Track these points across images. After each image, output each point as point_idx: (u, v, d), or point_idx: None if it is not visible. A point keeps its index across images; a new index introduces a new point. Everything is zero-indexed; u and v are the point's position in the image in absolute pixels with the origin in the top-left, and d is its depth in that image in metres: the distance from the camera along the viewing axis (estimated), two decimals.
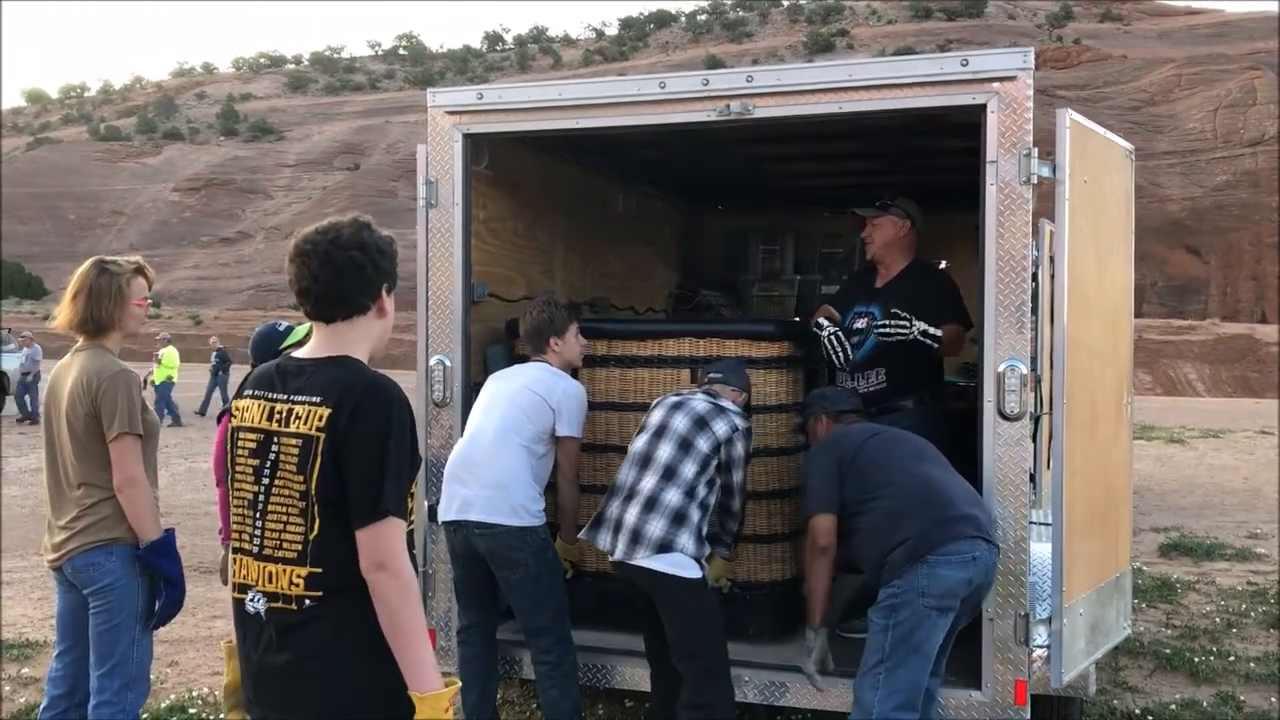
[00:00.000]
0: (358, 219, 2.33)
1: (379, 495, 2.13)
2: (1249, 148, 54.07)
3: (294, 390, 2.24)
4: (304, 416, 2.19)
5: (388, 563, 2.13)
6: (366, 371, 2.25)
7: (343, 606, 2.17)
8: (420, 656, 2.14)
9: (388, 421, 2.17)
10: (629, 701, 4.72)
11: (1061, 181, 3.67)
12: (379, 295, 2.30)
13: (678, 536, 3.59)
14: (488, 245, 4.76)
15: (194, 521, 9.53)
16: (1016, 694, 3.74)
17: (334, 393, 2.18)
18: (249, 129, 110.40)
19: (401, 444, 2.18)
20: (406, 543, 2.27)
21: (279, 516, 2.21)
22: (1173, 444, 16.71)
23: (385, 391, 2.20)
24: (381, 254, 2.30)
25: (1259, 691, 5.05)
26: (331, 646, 2.18)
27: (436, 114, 4.36)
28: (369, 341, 2.32)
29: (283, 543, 2.20)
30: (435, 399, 4.38)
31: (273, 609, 2.21)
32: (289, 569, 2.19)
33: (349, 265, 2.25)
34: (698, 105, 4.03)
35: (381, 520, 2.13)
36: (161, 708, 4.70)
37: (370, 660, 2.17)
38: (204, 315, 67.03)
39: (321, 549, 2.17)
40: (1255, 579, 7.40)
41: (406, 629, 2.13)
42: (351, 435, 2.15)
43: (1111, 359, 4.22)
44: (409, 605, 2.14)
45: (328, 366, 2.25)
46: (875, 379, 4.47)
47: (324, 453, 2.16)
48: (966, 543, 3.41)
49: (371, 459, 2.14)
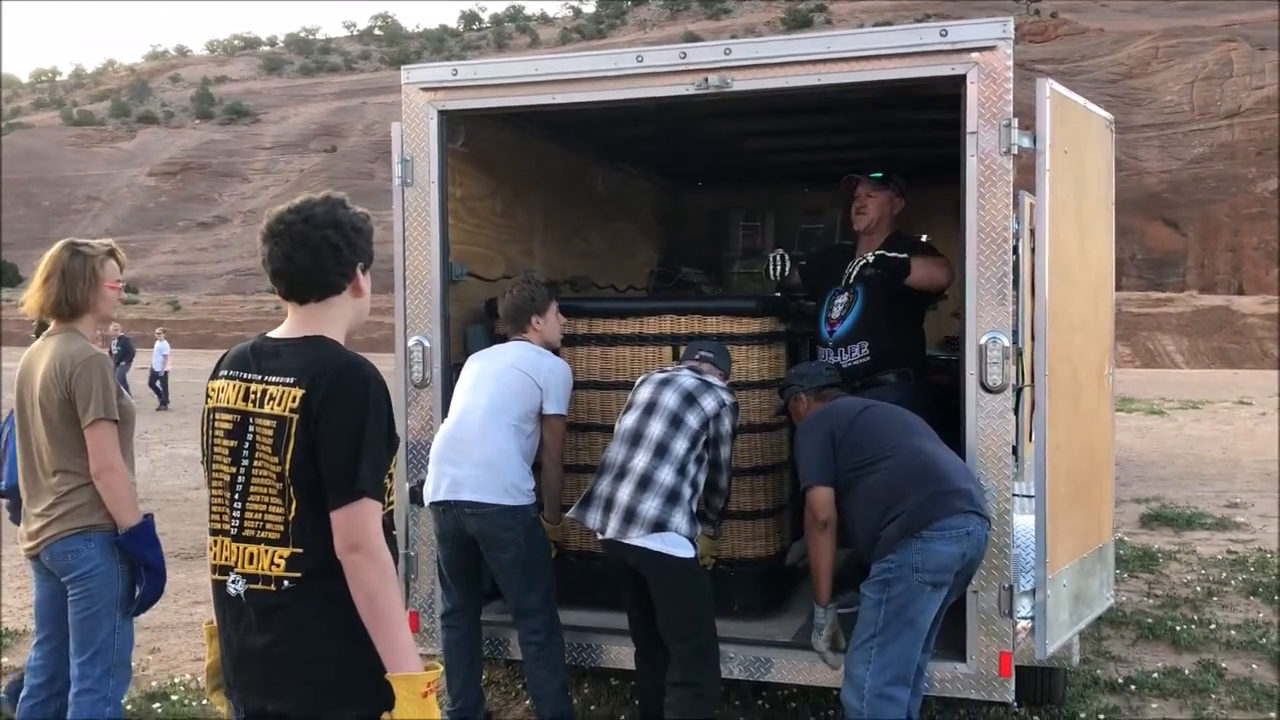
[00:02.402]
0: (330, 196, 2.28)
1: (354, 476, 2.10)
2: (1225, 120, 54.29)
3: (268, 371, 2.20)
4: (278, 397, 2.16)
5: (362, 544, 2.10)
6: (341, 352, 2.21)
7: (323, 588, 2.14)
8: (398, 638, 2.12)
9: (363, 402, 2.14)
10: (614, 680, 4.71)
11: (1042, 152, 3.65)
12: (354, 274, 2.27)
13: (672, 516, 3.57)
14: (465, 224, 4.71)
15: (174, 508, 9.47)
16: (1001, 665, 3.76)
17: (308, 373, 2.15)
18: (224, 112, 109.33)
19: (378, 425, 2.15)
20: (387, 525, 2.25)
21: (260, 498, 2.18)
22: (1152, 416, 16.83)
23: (360, 371, 2.17)
24: (357, 232, 2.26)
25: (1239, 659, 5.10)
26: (311, 628, 2.16)
27: (411, 91, 4.31)
28: (345, 321, 2.29)
29: (265, 524, 2.18)
30: (415, 380, 4.34)
31: (252, 590, 2.18)
32: (270, 550, 2.17)
33: (323, 245, 2.21)
34: (675, 79, 3.99)
35: (356, 501, 2.10)
36: (143, 694, 4.66)
37: (351, 642, 2.14)
38: (183, 301, 66.57)
39: (301, 530, 2.15)
40: (1235, 547, 7.46)
41: (384, 611, 2.11)
42: (325, 416, 2.12)
43: (1093, 331, 4.22)
44: (385, 587, 2.11)
45: (302, 346, 2.22)
46: (859, 353, 4.45)
47: (298, 434, 2.13)
48: (961, 517, 3.40)
49: (346, 440, 2.11)
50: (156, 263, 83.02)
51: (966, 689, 3.82)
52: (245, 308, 58.78)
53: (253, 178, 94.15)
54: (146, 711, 4.51)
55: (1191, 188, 52.94)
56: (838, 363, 4.45)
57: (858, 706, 3.38)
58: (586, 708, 4.54)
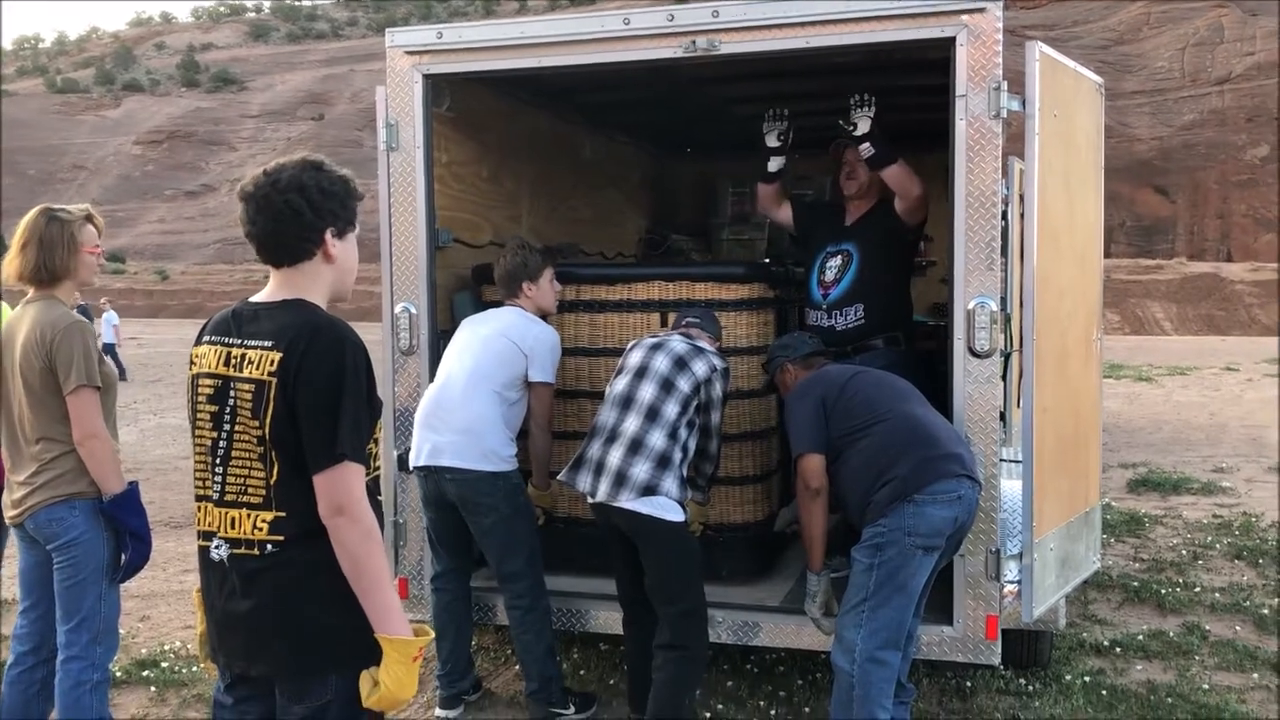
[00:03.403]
0: (306, 159, 2.25)
1: (334, 439, 2.09)
2: (1216, 86, 54.15)
3: (248, 335, 2.19)
4: (256, 361, 2.15)
5: (346, 507, 2.09)
6: (319, 314, 2.20)
7: (306, 552, 2.14)
8: (385, 601, 2.12)
9: (340, 364, 2.12)
10: (604, 645, 4.73)
11: (1031, 115, 3.63)
12: (321, 239, 2.23)
13: (662, 480, 3.57)
14: (452, 190, 4.68)
15: (163, 476, 9.46)
16: (987, 629, 3.78)
17: (285, 337, 2.14)
18: (211, 80, 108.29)
19: (357, 387, 2.13)
20: (371, 490, 2.25)
21: (242, 462, 2.18)
22: (1141, 382, 16.89)
23: (336, 333, 2.15)
24: (325, 195, 2.21)
25: (1223, 621, 5.14)
26: (294, 592, 2.16)
27: (395, 54, 4.26)
28: (323, 286, 2.26)
29: (247, 488, 2.17)
30: (402, 347, 4.32)
31: (235, 555, 2.19)
32: (253, 514, 2.17)
33: (285, 210, 2.18)
34: (663, 41, 3.95)
35: (338, 465, 2.09)
36: (133, 662, 4.67)
37: (334, 606, 2.14)
38: (170, 270, 66.20)
39: (283, 493, 2.15)
40: (1220, 512, 7.51)
41: (369, 574, 2.10)
42: (303, 379, 2.10)
43: (1081, 296, 4.21)
44: (370, 550, 2.11)
45: (280, 310, 2.21)
46: (854, 316, 4.44)
47: (276, 398, 2.12)
48: (953, 481, 3.40)
49: (325, 403, 2.10)
50: (143, 232, 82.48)
51: (953, 652, 3.84)
52: (233, 277, 58.50)
53: (240, 146, 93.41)
54: (136, 678, 4.52)
55: (1182, 154, 52.87)
56: (830, 325, 4.44)
57: (848, 670, 3.39)
58: (576, 672, 4.56)
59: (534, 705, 4.04)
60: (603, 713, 4.16)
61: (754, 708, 4.16)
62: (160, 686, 4.44)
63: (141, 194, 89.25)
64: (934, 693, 4.30)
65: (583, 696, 4.18)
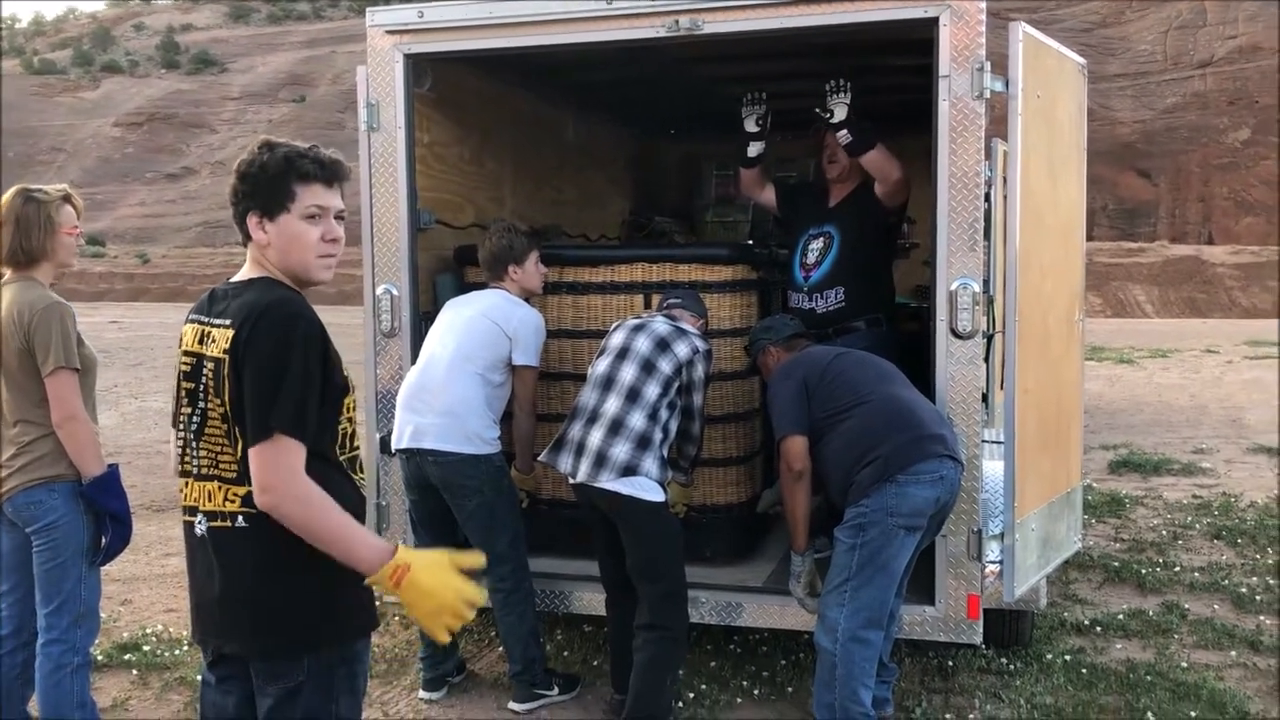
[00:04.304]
0: (264, 139, 2.25)
1: (267, 414, 2.06)
2: (1198, 69, 54.32)
3: (216, 313, 2.21)
4: (218, 339, 2.16)
5: (270, 485, 2.05)
6: (274, 291, 2.18)
7: (276, 528, 2.11)
8: (351, 551, 2.07)
9: (284, 339, 2.10)
10: (587, 626, 4.74)
11: (1015, 96, 3.63)
12: (245, 223, 2.23)
13: (642, 460, 3.57)
14: (433, 171, 4.65)
15: (145, 460, 9.41)
16: (969, 608, 3.81)
17: (241, 314, 2.14)
18: (191, 61, 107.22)
19: (304, 362, 2.10)
20: (350, 468, 2.24)
21: (214, 438, 2.18)
22: (1122, 364, 16.98)
23: (285, 309, 2.13)
24: (244, 179, 2.21)
25: (1202, 600, 5.19)
26: (266, 568, 2.15)
27: (376, 34, 4.23)
28: (269, 265, 2.24)
29: (219, 462, 2.17)
30: (383, 329, 4.30)
31: (213, 528, 2.18)
32: (224, 487, 2.16)
33: (230, 191, 2.23)
34: (646, 21, 3.93)
35: (268, 439, 2.05)
36: (114, 645, 4.65)
37: (307, 585, 2.14)
38: (151, 254, 65.69)
39: (248, 468, 2.13)
40: (1200, 492, 7.57)
41: (325, 535, 2.07)
42: (248, 355, 2.09)
43: (1063, 277, 4.22)
44: (312, 515, 2.06)
45: (246, 288, 2.22)
46: (835, 298, 4.45)
47: (230, 375, 2.12)
48: (935, 462, 3.42)
49: (264, 378, 2.08)
50: (124, 215, 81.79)
51: (935, 631, 3.87)
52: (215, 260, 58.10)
53: (220, 128, 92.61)
54: (118, 662, 4.50)
55: (1164, 138, 53.06)
56: (811, 307, 4.44)
57: (831, 649, 3.41)
58: (559, 653, 4.57)
59: (518, 687, 4.05)
60: (586, 693, 4.17)
61: (737, 687, 4.18)
62: (142, 670, 4.42)
63: (121, 177, 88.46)
64: (916, 671, 4.33)
65: (566, 678, 4.18)
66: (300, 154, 2.21)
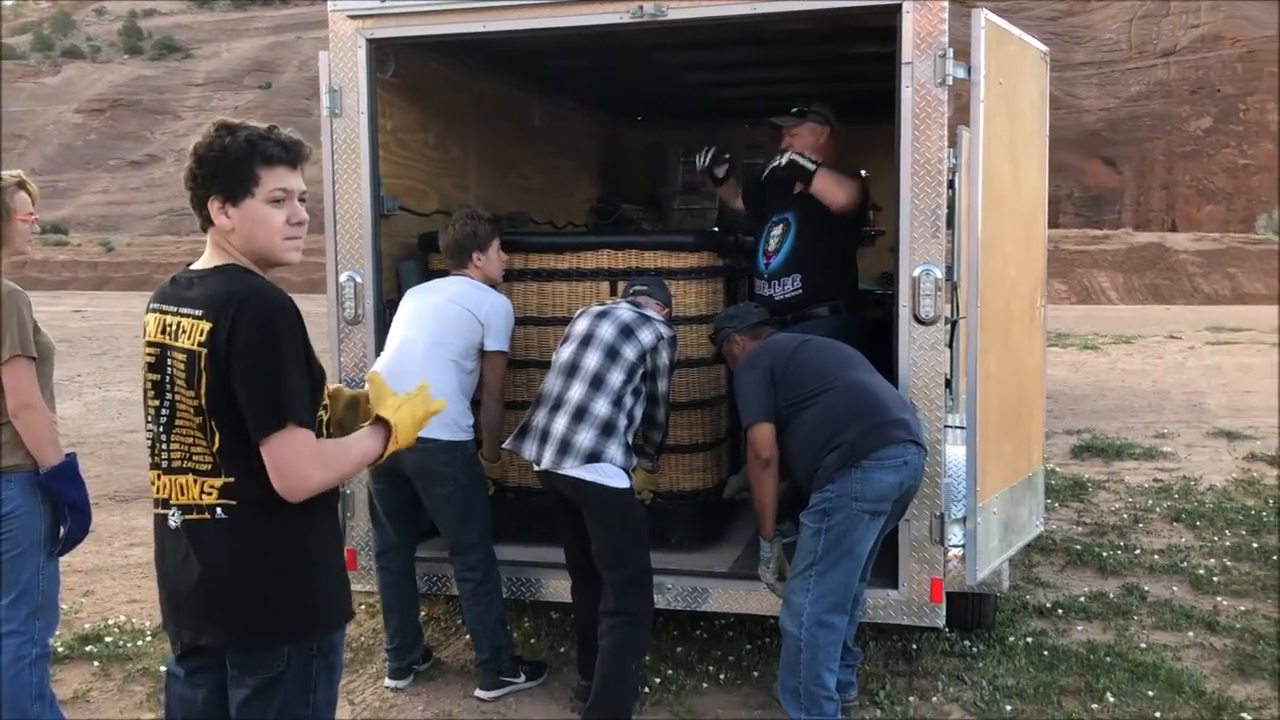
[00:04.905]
0: (220, 120, 2.20)
1: (277, 406, 2.06)
2: (1162, 58, 54.78)
3: (182, 302, 2.16)
4: (188, 330, 2.12)
5: (304, 473, 2.07)
6: (247, 281, 2.15)
7: (258, 518, 2.12)
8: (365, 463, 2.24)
9: (272, 331, 2.08)
10: (555, 613, 4.74)
11: (977, 83, 3.66)
12: (206, 207, 2.18)
13: (606, 447, 3.57)
14: (397, 157, 4.62)
15: (108, 450, 9.30)
16: (932, 592, 3.84)
17: (214, 305, 2.10)
18: (154, 47, 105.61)
19: (295, 353, 2.10)
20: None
21: (185, 431, 2.15)
22: (1086, 350, 17.13)
23: (264, 300, 2.10)
24: (203, 162, 2.16)
25: (1161, 582, 5.26)
26: (245, 559, 2.13)
27: (338, 19, 4.19)
28: (239, 251, 2.20)
29: (192, 455, 2.15)
30: (347, 316, 4.28)
31: (188, 520, 2.16)
32: (200, 479, 2.14)
33: (186, 176, 2.19)
34: (609, 6, 3.92)
35: (281, 430, 2.06)
36: (75, 637, 4.60)
37: (287, 575, 2.14)
38: (116, 242, 64.80)
39: (229, 460, 2.12)
40: (1161, 475, 7.67)
41: (349, 474, 2.25)
42: (234, 351, 2.06)
43: (1025, 263, 4.26)
44: (341, 471, 2.19)
45: (211, 276, 2.17)
46: (791, 286, 4.46)
47: (207, 369, 2.08)
48: (899, 447, 3.44)
49: (262, 371, 2.06)
50: (87, 203, 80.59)
51: (898, 615, 3.90)
52: (180, 248, 57.36)
53: (185, 115, 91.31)
54: (80, 653, 4.46)
55: (1129, 126, 53.48)
56: (770, 295, 4.46)
57: (796, 633, 3.44)
58: (527, 640, 4.57)
59: (484, 674, 4.05)
60: (553, 680, 4.18)
61: (703, 672, 4.20)
62: (104, 661, 4.38)
63: (84, 164, 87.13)
64: (880, 655, 4.36)
65: (533, 664, 4.19)
66: (262, 136, 2.17)
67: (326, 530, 2.26)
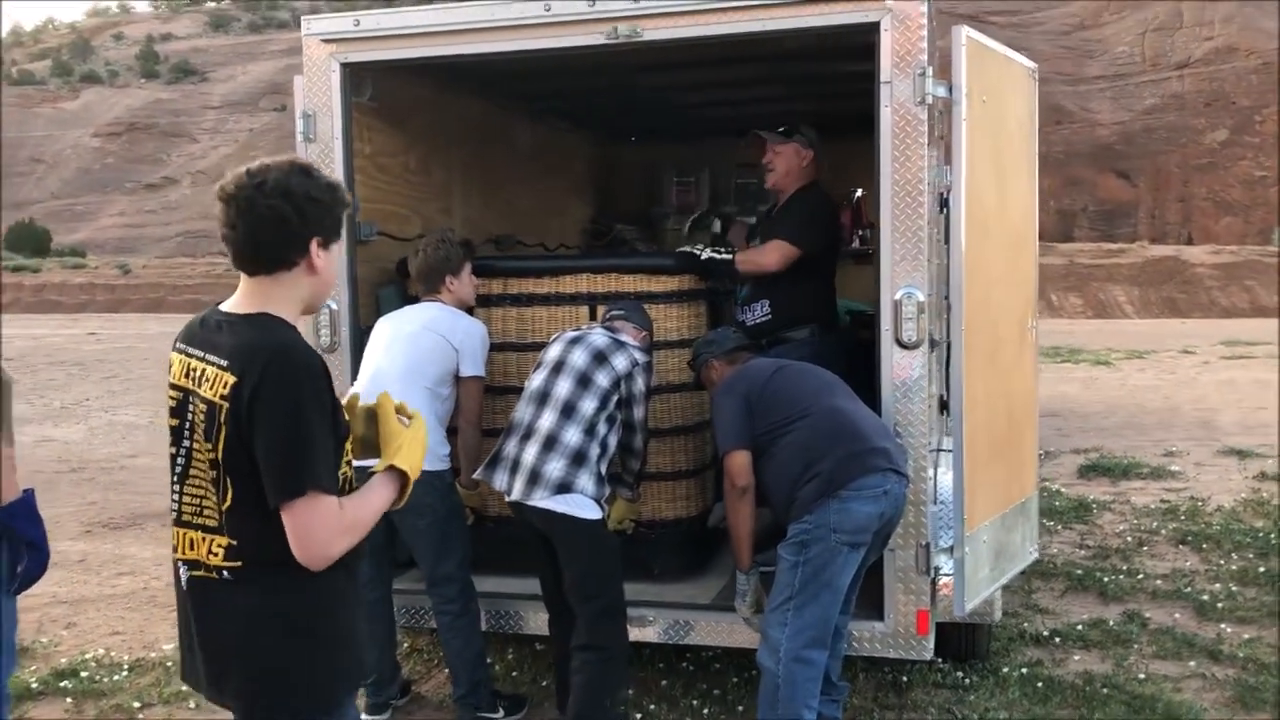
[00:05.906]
0: (294, 161, 2.10)
1: (300, 472, 1.96)
2: (1176, 71, 54.52)
3: (209, 348, 2.06)
4: (212, 380, 2.02)
5: (324, 541, 1.99)
6: (278, 335, 2.04)
7: (264, 580, 2.04)
8: (385, 508, 2.20)
9: (299, 392, 1.98)
10: (539, 645, 4.65)
11: (958, 101, 3.57)
12: (306, 250, 2.08)
13: (577, 477, 3.48)
14: (376, 182, 4.57)
15: (108, 476, 9.26)
16: (919, 624, 3.73)
17: (240, 358, 2.00)
18: (171, 70, 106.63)
19: (322, 413, 2.00)
20: None
21: (198, 483, 2.07)
22: (1099, 366, 16.94)
23: (293, 359, 2.00)
24: (312, 202, 2.06)
25: (1164, 608, 5.13)
26: (252, 622, 2.06)
27: (312, 43, 4.16)
28: (297, 300, 2.12)
29: (202, 509, 2.07)
30: (322, 344, 4.21)
31: (194, 578, 2.09)
32: (209, 537, 2.06)
33: (269, 215, 2.04)
34: (584, 28, 3.86)
35: (303, 497, 1.96)
36: (52, 672, 4.54)
37: (294, 640, 2.06)
38: (132, 264, 65.24)
39: (235, 520, 2.04)
40: (1168, 496, 7.51)
41: (369, 524, 2.14)
42: (258, 410, 1.96)
43: (1014, 285, 4.16)
44: (363, 527, 2.11)
45: (242, 325, 2.06)
46: (760, 311, 4.43)
47: (228, 423, 1.99)
48: (878, 476, 3.35)
49: (289, 435, 1.96)
50: (104, 226, 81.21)
51: (885, 648, 3.79)
52: (196, 270, 57.69)
53: (201, 138, 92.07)
54: (54, 689, 4.39)
55: (1143, 139, 53.19)
56: (743, 320, 4.39)
57: (774, 669, 3.34)
58: (509, 673, 4.48)
59: (462, 710, 3.96)
60: (534, 715, 4.08)
61: (687, 706, 4.10)
62: (78, 697, 4.31)
63: (101, 187, 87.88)
64: (869, 687, 4.25)
65: (513, 699, 4.10)
66: (331, 182, 2.15)
67: (345, 593, 2.15)
